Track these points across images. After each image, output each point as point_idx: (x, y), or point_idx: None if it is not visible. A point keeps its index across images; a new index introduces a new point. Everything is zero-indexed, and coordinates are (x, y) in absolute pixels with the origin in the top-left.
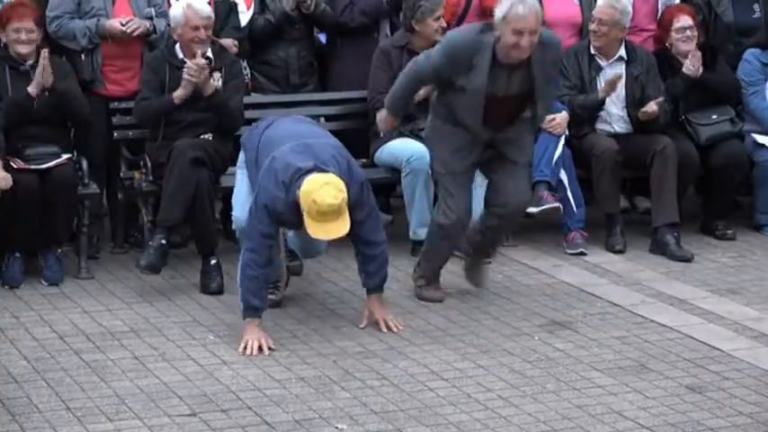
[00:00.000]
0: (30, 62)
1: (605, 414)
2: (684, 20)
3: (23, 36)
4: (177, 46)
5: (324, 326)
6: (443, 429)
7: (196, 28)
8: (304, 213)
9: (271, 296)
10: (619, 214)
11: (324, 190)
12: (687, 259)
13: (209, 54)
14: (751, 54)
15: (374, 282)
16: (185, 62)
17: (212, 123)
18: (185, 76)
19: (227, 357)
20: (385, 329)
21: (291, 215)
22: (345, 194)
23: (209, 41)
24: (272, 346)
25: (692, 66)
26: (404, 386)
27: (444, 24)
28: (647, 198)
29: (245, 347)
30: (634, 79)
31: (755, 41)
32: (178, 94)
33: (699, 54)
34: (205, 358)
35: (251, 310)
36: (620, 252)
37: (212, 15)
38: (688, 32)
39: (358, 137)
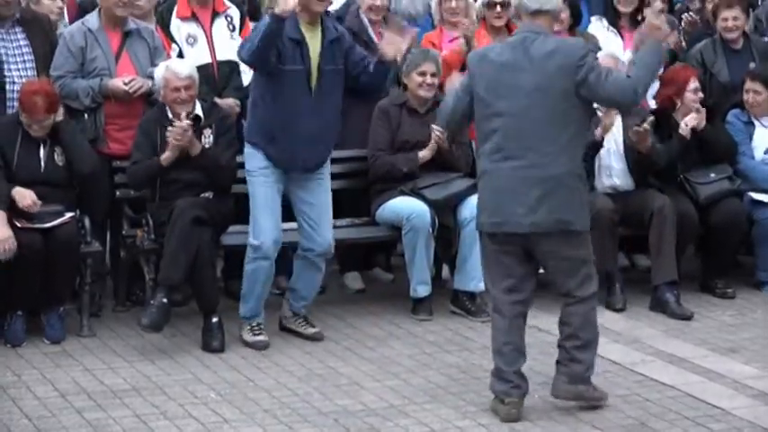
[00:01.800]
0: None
1: None
2: (696, 81)
3: (36, 126)
4: (167, 107)
5: (324, 384)
6: None
7: (177, 89)
8: None
9: (259, 336)
10: (618, 272)
11: None
12: (687, 317)
13: (199, 112)
14: (732, 115)
15: None
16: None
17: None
18: (169, 139)
19: (228, 415)
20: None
21: None
22: None
23: (194, 100)
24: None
25: (694, 120)
26: None
27: (431, 81)
28: (646, 256)
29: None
30: (629, 128)
31: (734, 102)
32: (166, 156)
33: (701, 108)
34: (206, 416)
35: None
36: (621, 310)
37: (194, 74)
38: (699, 93)
39: (359, 195)
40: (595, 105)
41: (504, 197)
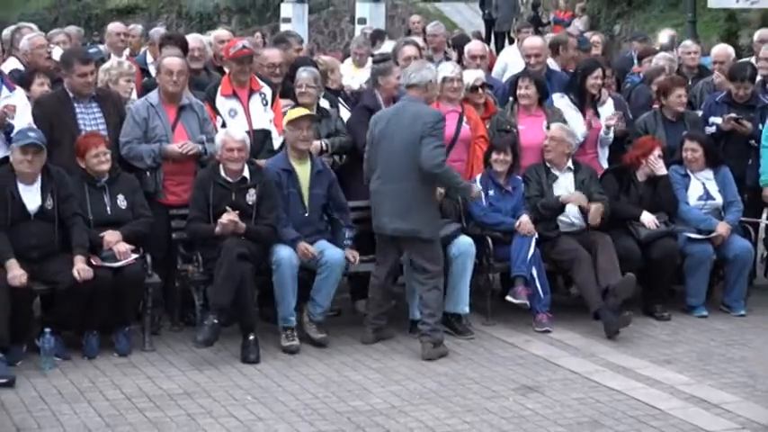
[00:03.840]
0: (104, 179)
1: None
2: (659, 150)
3: (102, 158)
4: (221, 166)
5: (340, 389)
6: None
7: (231, 150)
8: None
9: (292, 342)
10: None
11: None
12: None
13: (246, 173)
14: (672, 169)
15: None
16: (228, 180)
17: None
18: (217, 229)
19: (262, 414)
20: None
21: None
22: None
23: (243, 161)
24: None
25: (656, 166)
26: None
27: None
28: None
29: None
30: (581, 183)
31: (672, 162)
32: (218, 230)
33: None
34: (244, 415)
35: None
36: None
37: (246, 140)
38: (661, 161)
39: (367, 237)
40: None
41: (384, 208)
